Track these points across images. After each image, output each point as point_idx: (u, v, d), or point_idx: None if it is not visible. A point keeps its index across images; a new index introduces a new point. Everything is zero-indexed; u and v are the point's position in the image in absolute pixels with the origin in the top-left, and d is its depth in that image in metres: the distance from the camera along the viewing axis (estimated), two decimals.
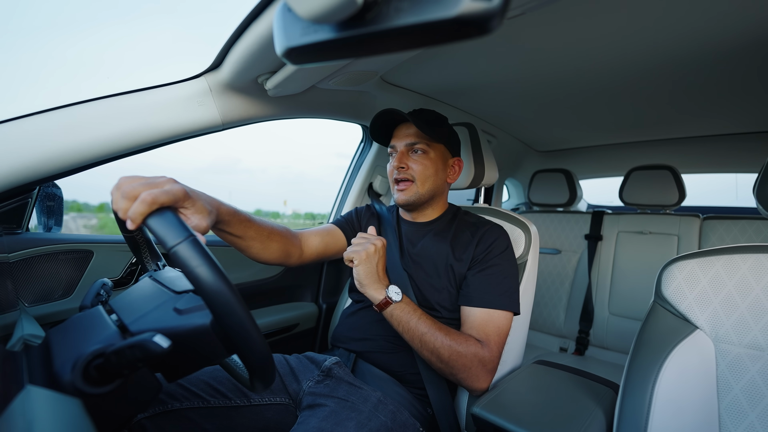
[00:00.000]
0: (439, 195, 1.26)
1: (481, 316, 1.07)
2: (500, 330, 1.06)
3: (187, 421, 0.94)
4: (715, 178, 2.65)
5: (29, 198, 1.01)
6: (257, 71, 1.03)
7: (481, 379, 1.01)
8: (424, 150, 1.18)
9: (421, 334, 1.00)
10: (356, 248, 1.03)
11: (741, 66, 1.30)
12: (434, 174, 1.19)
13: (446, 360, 0.99)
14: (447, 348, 0.98)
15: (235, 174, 36.90)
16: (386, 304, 1.02)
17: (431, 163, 1.18)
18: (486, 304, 1.07)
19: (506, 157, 2.67)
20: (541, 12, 0.98)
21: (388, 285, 1.05)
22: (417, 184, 1.18)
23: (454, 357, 0.98)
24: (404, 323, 1.01)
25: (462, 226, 1.22)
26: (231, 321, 0.55)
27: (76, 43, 42.47)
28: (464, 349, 0.99)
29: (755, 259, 0.84)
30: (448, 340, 0.99)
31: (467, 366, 0.99)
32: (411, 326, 1.01)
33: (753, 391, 0.78)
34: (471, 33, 0.28)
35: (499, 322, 1.06)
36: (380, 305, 1.03)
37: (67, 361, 0.54)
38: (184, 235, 0.57)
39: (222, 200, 0.91)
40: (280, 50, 0.35)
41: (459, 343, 0.99)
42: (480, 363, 1.00)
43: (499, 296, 1.08)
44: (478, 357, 1.00)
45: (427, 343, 0.99)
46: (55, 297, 1.11)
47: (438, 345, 0.98)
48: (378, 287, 1.03)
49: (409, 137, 1.18)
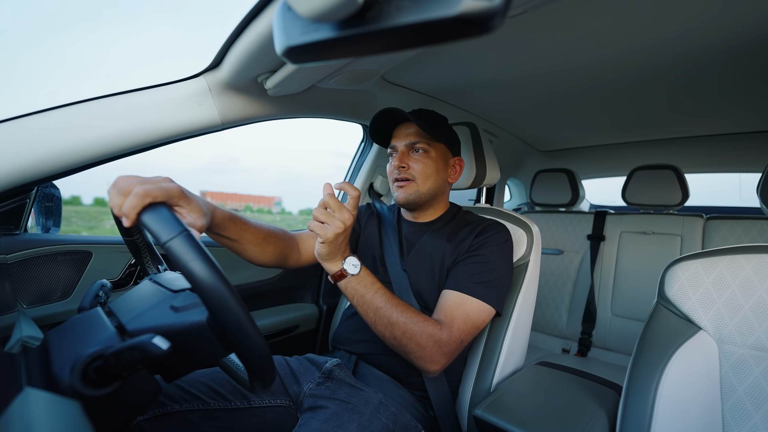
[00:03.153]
0: (440, 195, 1.24)
1: (453, 298, 1.04)
2: (468, 317, 1.01)
3: (186, 423, 0.93)
4: (719, 178, 2.64)
5: (27, 198, 1.01)
6: (257, 70, 1.02)
7: (434, 360, 0.95)
8: (425, 149, 1.17)
9: (376, 308, 0.96)
10: (325, 226, 0.92)
11: (745, 64, 1.29)
12: (435, 173, 1.18)
13: (399, 337, 0.95)
14: (401, 324, 0.94)
15: (234, 173, 36.43)
16: (341, 276, 0.97)
17: (432, 162, 1.17)
18: (460, 288, 1.04)
19: (508, 156, 2.66)
20: (543, 10, 0.97)
21: (347, 257, 0.98)
22: (418, 183, 1.17)
23: (408, 334, 0.94)
24: (358, 296, 0.97)
25: (461, 225, 1.21)
26: (226, 316, 0.54)
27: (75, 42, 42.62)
28: (419, 328, 0.94)
29: (759, 259, 0.84)
30: (404, 317, 0.95)
31: (421, 345, 0.94)
32: (366, 299, 0.96)
33: (757, 393, 0.78)
34: (472, 32, 0.28)
35: (470, 310, 1.02)
36: (334, 276, 0.98)
37: (65, 363, 0.54)
38: (178, 229, 0.56)
39: (217, 204, 0.91)
40: (280, 49, 0.35)
41: (415, 322, 0.95)
42: (435, 344, 0.95)
43: (477, 284, 1.05)
44: (434, 338, 0.95)
45: (381, 317, 0.95)
46: (54, 298, 1.11)
47: (393, 320, 0.94)
48: (336, 260, 0.97)
49: (410, 137, 1.17)
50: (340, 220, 0.91)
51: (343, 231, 0.92)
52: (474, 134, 1.38)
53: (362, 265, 0.99)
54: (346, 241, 0.97)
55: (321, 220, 0.92)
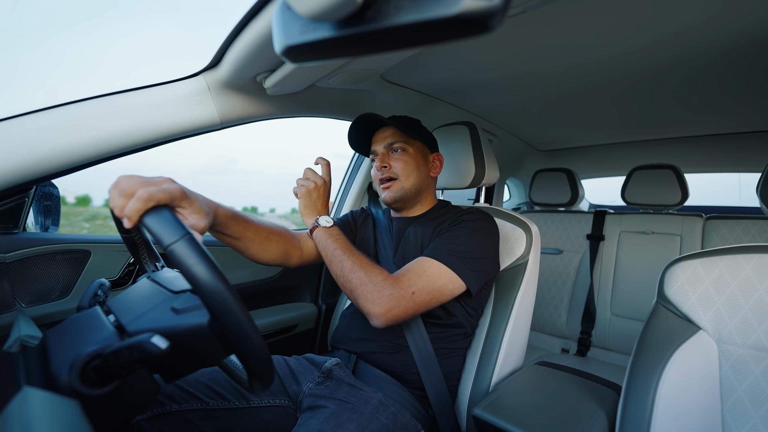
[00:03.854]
0: (425, 189, 1.29)
1: (415, 261, 1.05)
2: (424, 273, 1.00)
3: (185, 423, 0.93)
4: (718, 178, 2.64)
5: (26, 197, 1.01)
6: (256, 70, 1.02)
7: (375, 301, 0.95)
8: (403, 148, 1.23)
9: (334, 250, 1.08)
10: (300, 186, 1.18)
11: (744, 64, 1.29)
12: (416, 168, 1.24)
13: (347, 273, 1.01)
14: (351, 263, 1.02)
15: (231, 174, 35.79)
16: (314, 228, 1.15)
17: (412, 159, 1.23)
18: (426, 254, 1.06)
19: (507, 156, 2.66)
20: (542, 10, 0.97)
21: (323, 215, 1.17)
22: (401, 180, 1.22)
23: (354, 270, 1.00)
24: (324, 243, 1.11)
25: (448, 215, 1.23)
26: (228, 320, 0.54)
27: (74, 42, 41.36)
28: (368, 268, 1.01)
29: (759, 259, 0.83)
30: (356, 258, 1.03)
31: (363, 281, 0.98)
32: (328, 244, 1.10)
33: (756, 393, 0.78)
34: (472, 31, 0.28)
35: (428, 269, 1.01)
36: (311, 230, 1.16)
37: (64, 362, 0.54)
38: (180, 233, 0.56)
39: (219, 203, 0.91)
40: (279, 48, 0.35)
41: (365, 264, 1.02)
42: (379, 285, 0.96)
43: (442, 251, 1.05)
44: (378, 279, 0.97)
45: (336, 258, 1.06)
46: (53, 297, 1.10)
47: (345, 260, 1.03)
48: (313, 215, 1.17)
49: (387, 138, 1.24)
50: (312, 180, 1.18)
51: (315, 188, 1.17)
52: (473, 134, 1.38)
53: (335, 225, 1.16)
54: (321, 201, 1.19)
55: (300, 184, 1.19)
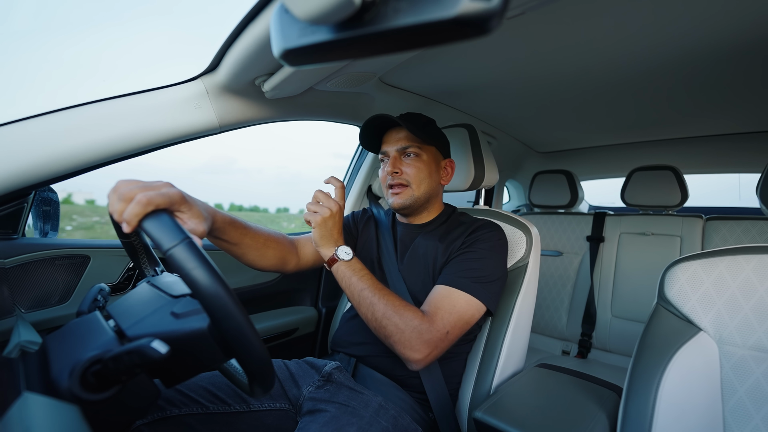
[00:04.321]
0: (434, 197, 1.24)
1: (440, 291, 1.03)
2: (454, 308, 1.00)
3: (186, 427, 0.93)
4: (718, 179, 2.65)
5: (25, 203, 1.01)
6: (254, 73, 1.02)
7: (414, 347, 0.93)
8: (416, 153, 1.17)
9: (360, 289, 1.00)
10: (314, 214, 1.05)
11: (744, 65, 1.29)
12: (428, 176, 1.18)
13: (380, 318, 0.96)
14: (382, 306, 0.96)
15: (231, 174, 35.59)
16: (333, 261, 1.05)
17: (425, 166, 1.18)
18: (448, 282, 1.04)
19: (506, 158, 2.66)
20: (540, 12, 0.97)
21: (340, 245, 1.07)
22: (412, 188, 1.17)
23: (388, 315, 0.95)
24: (346, 279, 1.03)
25: (455, 225, 1.21)
26: (228, 324, 0.54)
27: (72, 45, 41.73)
28: (400, 312, 0.95)
29: (759, 259, 0.83)
30: (385, 300, 0.97)
31: (400, 328, 0.94)
32: (352, 282, 1.02)
33: (758, 394, 0.78)
34: (470, 33, 0.28)
35: (456, 302, 1.01)
36: (329, 262, 1.06)
37: (64, 367, 0.54)
38: (180, 237, 0.56)
39: (217, 209, 0.91)
40: (278, 52, 0.35)
41: (396, 306, 0.96)
42: (415, 330, 0.94)
43: (465, 278, 1.04)
44: (414, 323, 0.94)
45: (364, 298, 0.99)
46: (52, 303, 1.10)
47: (375, 302, 0.97)
48: (330, 246, 1.06)
49: (401, 141, 1.17)
50: (327, 207, 1.04)
51: (330, 216, 1.04)
52: (472, 136, 1.38)
53: (356, 256, 1.07)
54: (337, 229, 1.07)
55: (312, 209, 1.05)
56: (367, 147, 1.27)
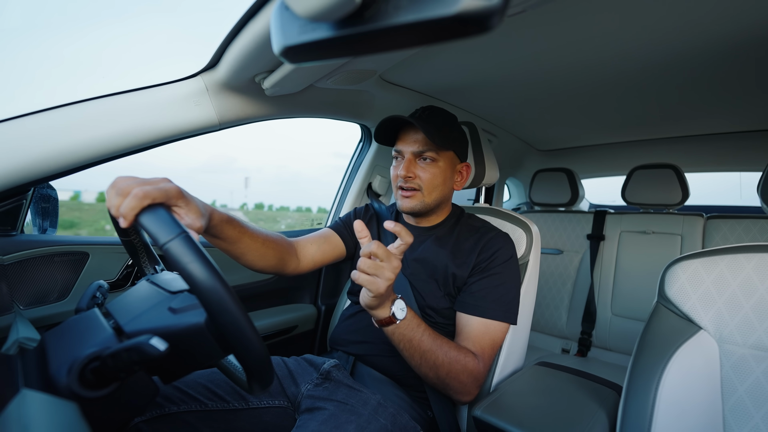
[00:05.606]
0: (446, 201, 1.23)
1: (478, 327, 1.05)
2: (494, 343, 1.06)
3: (184, 424, 0.93)
4: (719, 177, 2.64)
5: (24, 199, 1.01)
6: (254, 70, 1.02)
7: (470, 392, 1.01)
8: (432, 158, 1.12)
9: (423, 351, 0.94)
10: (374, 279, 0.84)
11: (745, 63, 1.28)
12: (442, 183, 1.15)
13: (443, 377, 0.97)
14: (446, 365, 0.96)
15: (231, 173, 35.31)
16: (389, 322, 0.91)
17: (440, 172, 1.14)
18: (484, 313, 1.06)
19: (507, 156, 2.66)
20: (541, 9, 0.97)
21: (394, 300, 0.92)
22: (424, 193, 1.13)
23: (453, 374, 0.97)
24: (406, 341, 0.93)
25: (465, 232, 1.19)
26: (225, 318, 0.54)
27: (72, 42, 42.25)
28: (462, 364, 0.98)
29: (760, 258, 0.83)
30: (448, 357, 0.96)
31: (462, 381, 0.98)
32: (413, 344, 0.93)
33: (758, 392, 0.78)
34: (471, 31, 0.27)
35: (495, 335, 1.06)
36: (382, 322, 0.92)
37: (63, 364, 0.54)
38: (176, 231, 0.56)
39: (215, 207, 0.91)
40: (278, 49, 0.35)
41: (457, 360, 0.97)
42: (473, 378, 0.99)
43: (499, 307, 1.06)
44: (474, 374, 0.99)
45: (427, 360, 0.95)
46: (51, 299, 1.10)
47: (439, 362, 0.95)
48: (386, 307, 0.91)
49: (418, 144, 1.11)
50: (390, 270, 0.84)
51: (392, 280, 0.85)
52: (473, 134, 1.38)
53: (407, 305, 0.94)
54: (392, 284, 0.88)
55: (370, 273, 0.83)
56: (381, 140, 1.19)
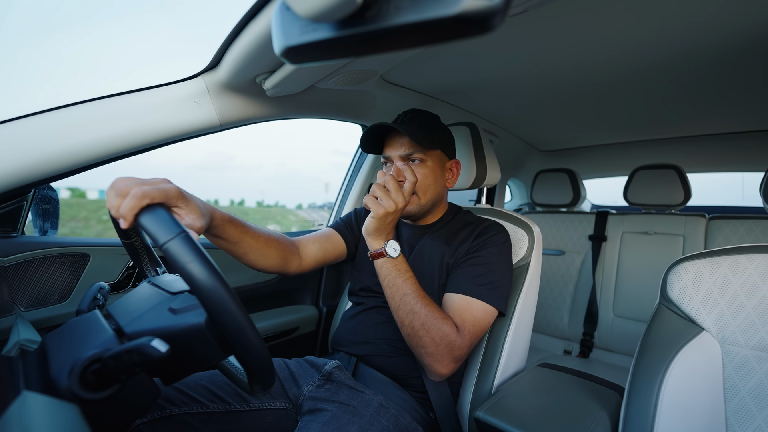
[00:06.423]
0: (440, 200, 1.24)
1: (459, 301, 1.04)
2: (476, 320, 1.02)
3: (185, 426, 0.93)
4: (721, 177, 2.64)
5: (25, 201, 1.01)
6: (255, 71, 1.02)
7: (444, 362, 0.96)
8: (421, 159, 1.13)
9: (403, 294, 0.99)
10: (378, 203, 0.99)
11: (747, 63, 1.28)
12: (434, 182, 1.16)
13: (418, 328, 0.95)
14: (423, 316, 0.95)
15: (229, 171, 35.16)
16: (379, 255, 1.03)
17: (430, 172, 1.15)
18: (465, 291, 1.04)
19: (508, 156, 2.66)
20: (543, 9, 0.97)
21: (390, 240, 1.04)
22: (419, 196, 1.15)
23: (427, 327, 0.95)
24: (391, 278, 1.01)
25: (460, 225, 1.21)
26: (225, 318, 0.54)
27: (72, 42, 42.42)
28: (439, 324, 0.95)
29: (762, 259, 0.83)
30: (426, 309, 0.96)
31: (435, 341, 0.95)
32: (397, 283, 1.00)
33: (760, 394, 0.77)
34: (472, 31, 0.27)
35: (477, 313, 1.02)
36: (374, 255, 1.04)
37: (63, 366, 0.54)
38: (176, 231, 0.56)
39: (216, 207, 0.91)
40: (279, 49, 0.35)
41: (435, 317, 0.96)
42: (448, 346, 0.95)
43: (480, 287, 1.05)
44: (449, 339, 0.95)
45: (406, 303, 0.98)
46: (52, 301, 1.10)
47: (416, 309, 0.96)
48: (380, 239, 1.04)
49: (404, 147, 1.12)
50: (394, 201, 0.99)
51: (393, 211, 0.99)
52: (474, 134, 1.38)
53: (402, 253, 1.04)
54: (393, 223, 1.04)
55: (377, 196, 0.99)
56: (368, 150, 1.22)
